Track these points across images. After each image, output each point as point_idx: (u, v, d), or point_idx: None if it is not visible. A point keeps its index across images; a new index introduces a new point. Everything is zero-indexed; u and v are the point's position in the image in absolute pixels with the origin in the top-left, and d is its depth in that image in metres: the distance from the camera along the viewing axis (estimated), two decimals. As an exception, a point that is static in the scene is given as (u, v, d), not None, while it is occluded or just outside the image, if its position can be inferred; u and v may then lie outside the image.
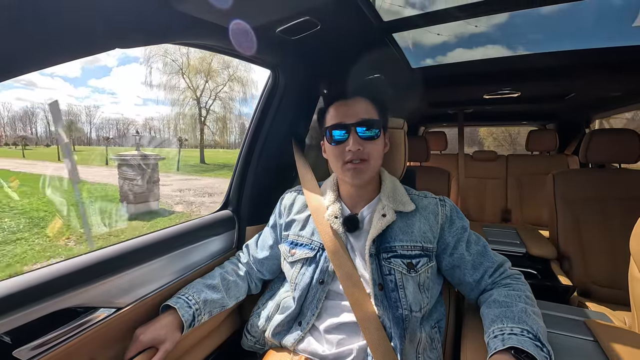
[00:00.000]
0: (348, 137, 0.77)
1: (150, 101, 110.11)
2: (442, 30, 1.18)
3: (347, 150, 0.76)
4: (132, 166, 6.75)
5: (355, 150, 0.76)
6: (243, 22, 0.78)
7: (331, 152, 0.81)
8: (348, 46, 1.04)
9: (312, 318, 0.78)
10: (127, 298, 0.73)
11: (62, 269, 0.63)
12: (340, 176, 0.84)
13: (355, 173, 0.78)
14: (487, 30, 1.35)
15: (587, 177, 1.59)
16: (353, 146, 0.75)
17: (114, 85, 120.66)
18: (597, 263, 1.45)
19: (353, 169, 0.77)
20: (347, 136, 0.77)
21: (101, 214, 6.59)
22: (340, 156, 0.78)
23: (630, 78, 1.51)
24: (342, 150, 0.77)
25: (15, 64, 0.47)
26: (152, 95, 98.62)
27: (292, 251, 0.86)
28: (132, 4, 0.57)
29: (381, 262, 0.76)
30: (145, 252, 0.79)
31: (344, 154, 0.77)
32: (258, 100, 1.17)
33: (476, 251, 0.79)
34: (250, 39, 0.84)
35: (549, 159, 2.58)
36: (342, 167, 0.79)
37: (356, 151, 0.76)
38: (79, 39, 0.53)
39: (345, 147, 0.76)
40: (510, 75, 1.52)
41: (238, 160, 1.17)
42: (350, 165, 0.77)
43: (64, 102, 73.29)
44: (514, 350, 0.57)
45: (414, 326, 0.73)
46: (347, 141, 0.77)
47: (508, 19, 0.99)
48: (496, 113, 2.95)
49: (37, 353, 0.57)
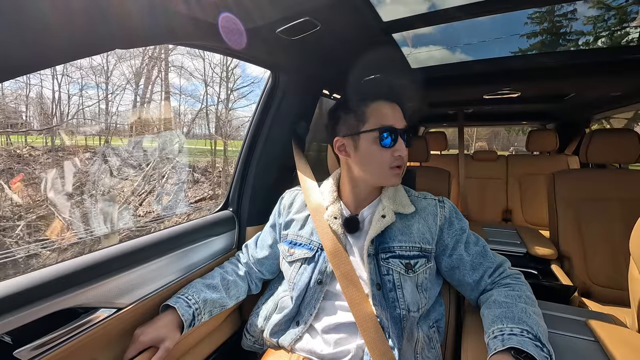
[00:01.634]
0: (396, 142, 0.77)
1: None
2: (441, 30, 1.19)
3: (397, 156, 0.77)
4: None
5: (404, 156, 0.78)
6: (242, 23, 0.78)
7: (377, 154, 0.77)
8: (348, 46, 1.04)
9: (309, 318, 0.78)
10: (128, 298, 0.73)
11: (62, 269, 0.63)
12: (379, 180, 0.80)
13: (399, 178, 0.80)
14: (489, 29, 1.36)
15: (587, 177, 1.58)
16: (404, 152, 0.77)
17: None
18: (598, 263, 1.45)
19: (398, 175, 0.79)
20: (395, 141, 0.77)
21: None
22: (387, 160, 0.77)
23: (630, 78, 1.51)
24: (389, 154, 0.77)
25: (15, 65, 0.47)
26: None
27: (290, 251, 0.86)
28: (132, 5, 0.57)
29: (379, 263, 0.76)
30: (145, 252, 0.79)
31: (391, 158, 0.77)
32: (258, 100, 1.17)
33: (475, 252, 0.79)
34: (250, 40, 0.84)
35: (550, 159, 2.58)
36: (388, 171, 0.78)
37: (404, 157, 0.78)
38: (79, 39, 0.53)
39: (393, 152, 0.76)
40: (510, 75, 1.52)
41: (238, 161, 1.17)
42: (398, 170, 0.78)
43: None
44: (514, 351, 0.57)
45: (411, 326, 0.73)
46: (396, 146, 0.77)
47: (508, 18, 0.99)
48: (496, 113, 2.95)
49: (38, 353, 0.57)
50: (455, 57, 1.40)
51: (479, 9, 0.88)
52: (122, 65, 9.18)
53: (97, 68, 8.09)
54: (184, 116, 11.88)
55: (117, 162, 7.08)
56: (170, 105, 10.82)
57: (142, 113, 9.25)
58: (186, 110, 12.01)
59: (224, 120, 11.48)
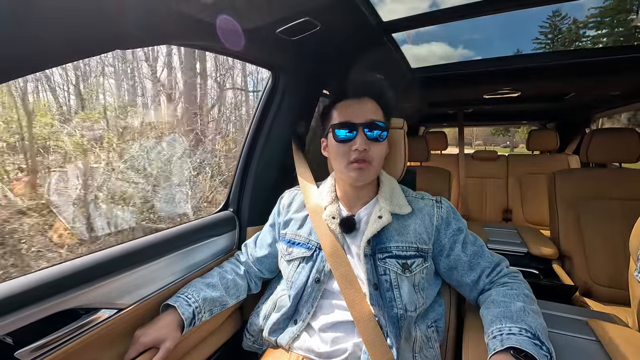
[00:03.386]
0: (355, 136, 0.76)
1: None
2: (441, 30, 1.19)
3: (354, 150, 0.75)
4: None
5: (362, 150, 0.75)
6: (242, 23, 0.78)
7: (335, 150, 0.79)
8: (348, 46, 1.04)
9: (307, 317, 0.78)
10: (129, 299, 0.73)
11: (63, 270, 0.63)
12: (342, 175, 0.82)
13: (360, 173, 0.77)
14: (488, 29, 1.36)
15: (587, 177, 1.58)
16: (360, 145, 0.75)
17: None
18: (599, 262, 1.45)
19: (358, 169, 0.77)
20: (354, 135, 0.76)
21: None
22: (345, 155, 0.77)
23: (630, 78, 1.51)
24: (348, 149, 0.77)
25: (15, 65, 0.47)
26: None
27: (289, 250, 0.86)
28: (132, 5, 0.57)
29: (376, 262, 0.76)
30: (146, 252, 0.79)
31: (349, 154, 0.76)
32: (258, 100, 1.18)
33: (472, 252, 0.79)
34: (250, 40, 0.84)
35: (550, 158, 2.58)
36: (347, 167, 0.77)
37: (363, 151, 0.75)
38: (79, 40, 0.53)
39: (352, 146, 0.76)
40: (510, 75, 1.52)
41: (238, 161, 1.17)
42: (356, 165, 0.76)
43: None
44: (514, 350, 0.57)
45: (409, 325, 0.74)
46: (353, 140, 0.76)
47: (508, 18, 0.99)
48: (496, 113, 2.95)
49: (39, 354, 0.57)
50: (456, 55, 1.40)
51: (478, 9, 0.89)
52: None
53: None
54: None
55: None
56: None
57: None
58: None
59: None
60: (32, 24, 0.45)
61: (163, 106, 7.27)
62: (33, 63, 0.49)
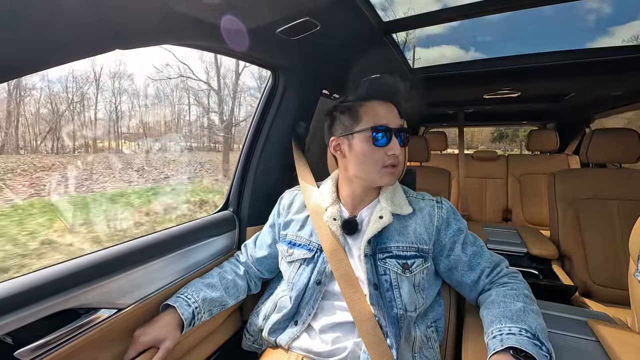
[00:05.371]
0: (390, 141, 0.77)
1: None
2: (441, 30, 1.19)
3: (389, 155, 0.77)
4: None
5: (398, 155, 0.77)
6: (242, 23, 0.78)
7: (369, 153, 0.77)
8: (348, 47, 1.04)
9: (308, 318, 0.78)
10: (128, 299, 0.73)
11: (62, 270, 0.63)
12: (371, 178, 0.80)
13: (393, 178, 0.79)
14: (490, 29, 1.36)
15: (587, 177, 1.58)
16: (397, 151, 0.77)
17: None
18: (598, 263, 1.45)
19: (392, 174, 0.79)
20: (389, 140, 0.77)
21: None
22: (380, 159, 0.77)
23: (630, 78, 1.51)
24: (383, 153, 0.77)
25: (15, 66, 0.47)
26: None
27: (289, 251, 0.86)
28: (132, 6, 0.57)
29: (377, 263, 0.76)
30: (146, 252, 0.79)
31: (384, 157, 0.77)
32: (258, 100, 1.17)
33: (472, 252, 0.79)
34: (250, 40, 0.84)
35: (550, 158, 2.58)
36: (380, 171, 0.78)
37: (398, 156, 0.78)
38: (79, 40, 0.53)
39: (387, 151, 0.77)
40: (510, 75, 1.52)
41: (238, 161, 1.17)
42: (391, 170, 0.78)
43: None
44: (513, 350, 0.57)
45: (409, 325, 0.74)
46: (389, 145, 0.77)
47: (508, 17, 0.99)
48: (496, 113, 2.95)
49: (39, 354, 0.57)
50: (457, 54, 1.40)
51: (478, 9, 0.89)
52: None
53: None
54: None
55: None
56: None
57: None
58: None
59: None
60: (32, 24, 0.45)
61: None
62: (33, 63, 0.49)
